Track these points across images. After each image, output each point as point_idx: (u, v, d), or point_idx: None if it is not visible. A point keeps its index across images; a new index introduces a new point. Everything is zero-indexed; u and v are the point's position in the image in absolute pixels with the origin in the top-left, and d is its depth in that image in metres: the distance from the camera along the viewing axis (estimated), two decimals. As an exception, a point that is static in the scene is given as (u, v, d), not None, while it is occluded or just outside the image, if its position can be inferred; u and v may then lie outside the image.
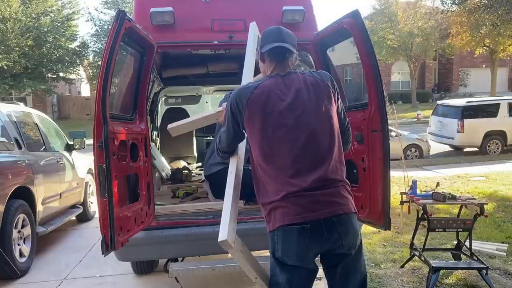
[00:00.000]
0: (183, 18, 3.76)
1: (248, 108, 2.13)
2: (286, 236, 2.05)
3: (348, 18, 3.13)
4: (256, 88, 2.16)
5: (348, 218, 2.11)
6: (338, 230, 2.06)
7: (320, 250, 2.10)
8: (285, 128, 2.10)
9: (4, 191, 4.53)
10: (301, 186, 2.04)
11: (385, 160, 3.04)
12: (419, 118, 22.67)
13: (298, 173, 2.07)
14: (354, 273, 2.20)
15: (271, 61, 2.26)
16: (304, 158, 2.09)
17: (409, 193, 4.40)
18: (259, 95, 2.13)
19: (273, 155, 2.10)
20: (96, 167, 2.83)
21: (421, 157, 12.64)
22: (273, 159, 2.11)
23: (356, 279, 2.21)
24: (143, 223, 3.32)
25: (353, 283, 2.21)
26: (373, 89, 3.07)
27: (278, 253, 2.09)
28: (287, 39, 2.25)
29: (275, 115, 2.10)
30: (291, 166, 2.08)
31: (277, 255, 2.10)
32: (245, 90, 2.18)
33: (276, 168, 2.10)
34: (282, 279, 2.12)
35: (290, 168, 2.08)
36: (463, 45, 23.47)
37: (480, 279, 3.96)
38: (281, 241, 2.07)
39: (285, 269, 2.11)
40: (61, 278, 4.66)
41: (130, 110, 3.49)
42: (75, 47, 28.41)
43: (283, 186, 2.06)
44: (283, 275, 2.12)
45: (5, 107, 5.41)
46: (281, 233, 2.06)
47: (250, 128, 2.16)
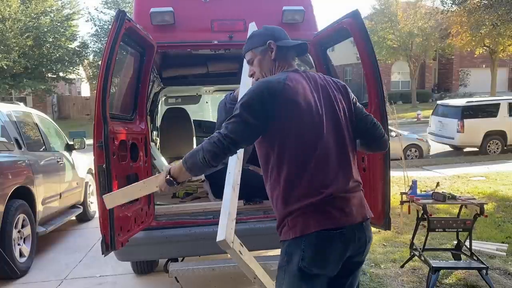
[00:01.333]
0: (183, 18, 3.76)
1: (281, 100, 1.86)
2: (320, 243, 1.85)
3: (348, 18, 3.13)
4: (286, 80, 1.91)
5: (369, 223, 2.01)
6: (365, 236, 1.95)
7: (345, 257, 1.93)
8: (319, 124, 1.90)
9: (4, 191, 4.53)
10: (335, 188, 1.87)
11: (385, 160, 3.05)
12: (419, 118, 22.67)
13: (332, 173, 1.89)
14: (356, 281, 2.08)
15: (287, 59, 2.09)
16: (335, 157, 1.92)
17: (409, 193, 4.40)
18: (292, 87, 1.89)
19: (307, 153, 1.87)
20: (96, 167, 2.84)
21: (421, 157, 12.64)
22: (308, 157, 1.87)
23: None
24: (143, 223, 3.32)
25: None
26: (373, 89, 3.08)
27: (304, 262, 1.84)
28: None
29: (310, 109, 1.89)
30: (325, 165, 1.88)
31: (302, 264, 1.85)
32: (275, 81, 1.90)
33: (309, 167, 1.87)
34: None
35: (324, 168, 1.88)
36: (463, 45, 23.47)
37: (480, 279, 3.96)
38: (312, 248, 1.84)
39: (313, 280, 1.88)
40: (61, 278, 4.66)
41: (130, 110, 3.49)
42: (75, 47, 28.41)
43: (317, 188, 1.86)
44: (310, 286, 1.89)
45: (5, 107, 5.41)
46: (314, 239, 1.84)
47: (282, 121, 1.87)
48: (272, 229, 3.63)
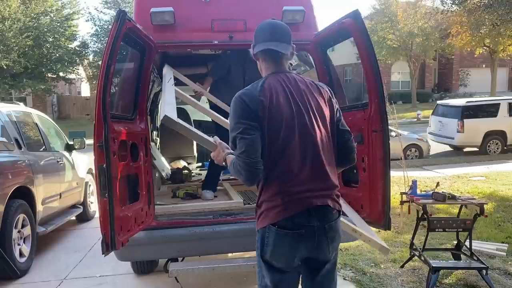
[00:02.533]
0: (183, 18, 3.76)
1: (261, 105, 1.99)
2: (278, 237, 2.04)
3: (349, 18, 3.14)
4: (262, 87, 2.04)
5: (333, 224, 2.08)
6: (326, 237, 2.05)
7: None
8: (294, 127, 2.02)
9: (4, 191, 4.53)
10: (300, 188, 2.00)
11: (385, 160, 3.05)
12: (419, 118, 22.67)
13: (299, 175, 2.01)
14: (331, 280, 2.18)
15: (267, 61, 2.16)
16: (305, 160, 2.03)
17: (409, 193, 4.40)
18: (267, 95, 2.02)
19: (283, 154, 2.00)
20: (96, 167, 2.83)
21: (421, 157, 12.64)
22: (283, 158, 2.01)
23: None
24: (143, 223, 3.32)
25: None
26: (373, 89, 3.08)
27: (264, 252, 2.08)
28: (279, 37, 2.12)
29: (281, 118, 2.01)
30: (293, 167, 2.01)
31: (263, 254, 2.09)
32: (251, 90, 2.04)
33: (278, 166, 2.01)
34: None
35: (296, 168, 2.01)
36: (463, 45, 23.48)
37: (480, 279, 3.96)
38: (271, 241, 2.05)
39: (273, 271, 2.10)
40: (61, 278, 4.66)
41: (130, 110, 3.49)
42: (75, 47, 28.41)
43: (284, 186, 2.00)
44: None
45: (5, 107, 5.40)
46: (274, 233, 2.04)
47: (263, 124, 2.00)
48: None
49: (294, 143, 2.01)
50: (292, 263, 2.04)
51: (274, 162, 2.00)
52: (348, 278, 4.31)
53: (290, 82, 2.10)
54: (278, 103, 2.01)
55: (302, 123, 2.03)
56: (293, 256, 2.02)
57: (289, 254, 2.02)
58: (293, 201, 1.99)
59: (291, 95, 2.06)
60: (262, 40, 2.12)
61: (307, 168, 2.02)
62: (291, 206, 1.98)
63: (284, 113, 2.01)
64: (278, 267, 2.04)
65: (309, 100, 2.08)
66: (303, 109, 2.05)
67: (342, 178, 3.58)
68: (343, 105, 3.73)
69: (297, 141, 2.02)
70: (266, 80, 2.09)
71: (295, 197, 1.99)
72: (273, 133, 2.00)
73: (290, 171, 2.00)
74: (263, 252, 2.05)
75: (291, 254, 2.02)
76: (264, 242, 2.04)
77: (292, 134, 2.01)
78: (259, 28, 2.18)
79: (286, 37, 2.14)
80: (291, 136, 2.01)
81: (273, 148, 2.00)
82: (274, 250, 2.01)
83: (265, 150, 1.99)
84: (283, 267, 2.05)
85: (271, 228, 2.01)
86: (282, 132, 2.00)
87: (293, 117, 2.02)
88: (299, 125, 2.03)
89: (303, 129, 2.03)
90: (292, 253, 2.02)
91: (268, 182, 2.03)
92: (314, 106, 2.08)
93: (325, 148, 2.08)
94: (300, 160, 2.02)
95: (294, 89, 2.08)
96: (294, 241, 1.99)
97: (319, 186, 2.03)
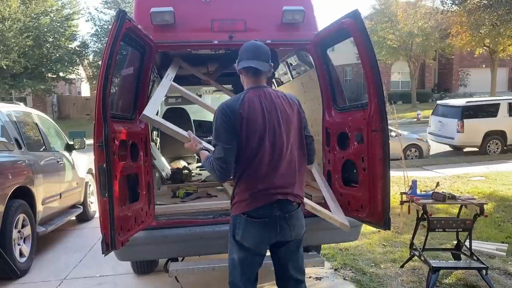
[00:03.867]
0: (183, 18, 3.76)
1: (240, 117, 2.42)
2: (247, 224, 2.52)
3: (348, 18, 3.14)
4: (242, 103, 2.46)
5: (294, 214, 2.55)
6: (288, 224, 2.52)
7: None
8: (265, 137, 2.46)
9: (4, 191, 4.53)
10: (266, 185, 2.46)
11: (385, 160, 3.05)
12: (419, 118, 22.67)
13: (266, 173, 2.46)
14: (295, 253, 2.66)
15: (248, 77, 2.57)
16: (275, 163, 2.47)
17: (409, 193, 4.40)
18: (245, 108, 2.44)
19: (249, 158, 2.45)
20: (96, 167, 2.84)
21: (421, 157, 12.64)
22: (254, 161, 2.45)
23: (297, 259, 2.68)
24: (143, 223, 3.32)
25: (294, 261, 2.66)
26: (373, 89, 3.08)
27: (237, 235, 2.55)
28: (262, 56, 2.53)
29: (255, 127, 2.44)
30: (261, 168, 2.46)
31: (236, 237, 2.56)
32: (233, 103, 2.47)
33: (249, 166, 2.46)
34: None
35: (259, 168, 2.46)
36: (463, 45, 23.46)
37: (480, 279, 3.96)
38: (242, 226, 2.53)
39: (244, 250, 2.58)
40: (61, 278, 4.66)
41: (130, 109, 3.49)
42: (75, 47, 28.40)
43: (254, 183, 2.46)
44: None
45: (5, 107, 5.41)
46: (244, 220, 2.53)
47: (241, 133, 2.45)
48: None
49: (264, 149, 2.45)
50: (259, 246, 2.54)
51: (247, 164, 2.47)
52: (348, 278, 4.31)
53: (266, 97, 2.52)
54: (254, 116, 2.45)
55: (273, 133, 2.48)
56: (260, 240, 2.51)
57: (256, 237, 2.50)
58: (259, 196, 2.46)
59: (266, 108, 2.48)
60: (245, 58, 2.53)
61: (274, 170, 2.47)
62: (257, 200, 2.46)
63: (258, 125, 2.45)
64: (247, 246, 2.52)
65: (280, 112, 2.52)
66: (275, 121, 2.49)
67: (342, 178, 3.58)
68: (343, 105, 3.74)
69: (267, 148, 2.46)
70: (246, 94, 2.52)
71: (261, 193, 2.46)
72: (248, 141, 2.44)
73: (259, 172, 2.46)
74: (235, 234, 2.54)
75: (258, 237, 2.50)
76: (236, 226, 2.53)
77: (263, 142, 2.45)
78: (244, 48, 2.57)
79: (266, 57, 2.55)
80: (262, 144, 2.45)
81: (246, 153, 2.45)
82: (244, 234, 2.50)
83: (241, 153, 2.45)
84: (250, 247, 2.52)
85: (241, 216, 2.50)
86: (255, 140, 2.44)
87: (265, 128, 2.46)
88: (270, 135, 2.47)
89: (273, 139, 2.48)
90: (259, 237, 2.50)
91: (241, 180, 2.50)
92: (284, 117, 2.52)
93: (291, 153, 2.53)
94: (268, 164, 2.46)
95: (269, 103, 2.51)
96: (260, 227, 2.48)
97: (282, 184, 2.49)
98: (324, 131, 3.77)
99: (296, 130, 2.58)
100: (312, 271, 4.46)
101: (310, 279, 4.35)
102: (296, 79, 4.93)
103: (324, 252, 4.91)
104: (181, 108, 7.33)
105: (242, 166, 2.48)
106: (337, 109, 3.70)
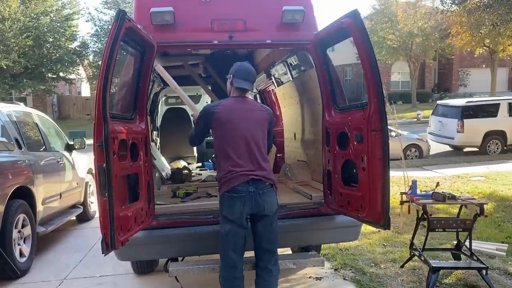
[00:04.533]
0: (183, 18, 3.75)
1: (213, 118, 3.17)
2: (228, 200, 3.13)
3: (348, 18, 3.14)
4: (218, 106, 3.23)
5: (267, 191, 3.13)
6: (261, 199, 3.09)
7: None
8: (237, 131, 3.13)
9: (4, 191, 4.53)
10: (240, 169, 3.07)
11: (384, 160, 3.04)
12: (419, 118, 22.67)
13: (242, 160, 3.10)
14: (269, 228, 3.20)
15: (236, 91, 3.28)
16: (246, 151, 3.12)
17: (409, 193, 4.40)
18: (220, 110, 3.18)
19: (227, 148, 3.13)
20: (96, 166, 2.83)
21: (421, 157, 12.65)
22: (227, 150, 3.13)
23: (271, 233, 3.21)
24: (143, 223, 3.32)
25: None
26: (373, 89, 3.08)
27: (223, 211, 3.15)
28: (251, 78, 3.30)
29: (231, 123, 3.14)
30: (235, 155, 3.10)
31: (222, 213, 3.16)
32: (211, 107, 3.26)
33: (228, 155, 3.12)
34: None
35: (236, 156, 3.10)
36: (463, 45, 23.46)
37: (480, 279, 3.96)
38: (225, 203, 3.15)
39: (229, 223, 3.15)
40: (61, 278, 4.67)
41: (130, 109, 3.49)
42: (75, 47, 28.40)
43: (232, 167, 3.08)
44: None
45: (5, 107, 5.41)
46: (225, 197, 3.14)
47: (215, 130, 3.20)
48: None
49: (238, 140, 3.12)
50: (241, 217, 3.07)
51: (224, 152, 3.14)
52: (348, 278, 4.32)
53: (244, 102, 3.28)
54: (229, 114, 3.17)
55: (245, 128, 3.15)
56: (241, 211, 3.06)
57: (237, 210, 3.06)
58: (236, 177, 3.07)
59: (241, 110, 3.21)
60: (240, 78, 3.25)
61: (246, 157, 3.12)
62: (235, 180, 3.06)
63: (232, 120, 3.15)
64: (231, 219, 3.08)
65: (252, 115, 3.22)
66: (247, 120, 3.18)
67: (342, 177, 3.58)
68: (343, 104, 3.74)
69: (240, 139, 3.12)
70: (226, 100, 3.30)
71: (237, 174, 3.07)
72: (223, 132, 3.15)
73: (235, 159, 3.10)
74: (222, 210, 3.14)
75: (239, 210, 3.06)
76: (222, 203, 3.13)
77: (237, 134, 3.13)
78: (240, 68, 3.28)
79: (254, 79, 3.39)
80: (236, 136, 3.13)
81: (223, 144, 3.15)
82: (228, 208, 3.09)
83: (218, 144, 3.18)
84: (234, 220, 3.07)
85: (224, 194, 3.11)
86: (229, 133, 3.13)
87: (239, 124, 3.15)
88: (243, 130, 3.14)
89: (245, 133, 3.14)
90: (239, 209, 3.06)
91: (221, 165, 3.18)
92: (254, 119, 3.22)
93: (259, 145, 3.18)
94: (241, 153, 3.11)
95: (244, 107, 3.24)
96: (239, 201, 3.05)
97: (254, 168, 3.11)
98: (324, 131, 3.77)
99: (263, 130, 3.25)
100: (312, 271, 4.46)
101: (310, 279, 4.35)
102: (296, 79, 4.94)
103: (324, 252, 4.91)
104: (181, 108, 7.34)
105: (220, 154, 3.17)
106: (337, 109, 3.70)
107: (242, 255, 3.19)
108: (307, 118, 4.79)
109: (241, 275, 3.19)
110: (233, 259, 3.12)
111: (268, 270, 3.22)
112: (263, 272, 3.22)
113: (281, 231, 3.36)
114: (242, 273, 3.19)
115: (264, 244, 3.20)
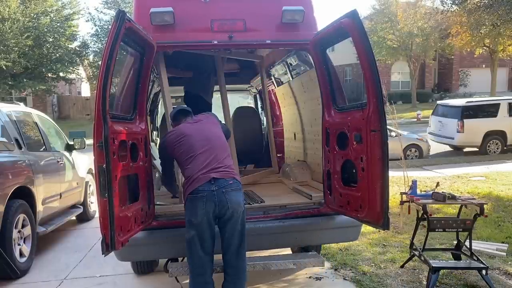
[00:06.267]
0: (183, 18, 3.76)
1: (168, 143, 3.40)
2: (191, 202, 3.22)
3: (347, 18, 3.14)
4: (168, 133, 3.50)
5: (232, 190, 3.16)
6: (225, 199, 3.11)
7: None
8: (192, 140, 3.29)
9: (4, 191, 4.53)
10: (202, 172, 3.14)
11: (383, 160, 3.05)
12: (419, 118, 22.66)
13: (202, 163, 3.18)
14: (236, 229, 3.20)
15: (182, 118, 3.58)
16: (205, 154, 3.23)
17: (409, 193, 4.40)
18: (171, 134, 3.43)
19: (188, 159, 3.24)
20: (96, 167, 2.84)
21: (421, 157, 12.64)
22: (188, 161, 3.24)
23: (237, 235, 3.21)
24: (143, 223, 3.32)
25: None
26: (372, 89, 3.08)
27: (187, 215, 3.26)
28: (186, 109, 3.67)
29: (185, 136, 3.33)
30: (198, 160, 3.21)
31: (186, 216, 3.28)
32: (162, 139, 3.61)
33: (189, 164, 3.23)
34: None
35: (196, 161, 3.21)
36: (463, 45, 23.45)
37: (480, 279, 3.96)
38: (189, 206, 3.24)
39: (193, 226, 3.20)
40: (61, 278, 4.67)
41: (130, 110, 3.49)
42: (75, 47, 28.38)
43: (194, 172, 3.16)
44: None
45: (5, 107, 5.41)
46: (189, 200, 3.24)
47: (174, 151, 3.35)
48: (272, 229, 3.65)
49: (196, 148, 3.24)
50: (206, 218, 3.07)
51: (185, 164, 3.25)
52: (348, 278, 4.32)
53: (187, 121, 3.49)
54: (180, 132, 3.36)
55: (198, 134, 3.32)
56: (204, 212, 3.05)
57: (200, 211, 3.06)
58: (198, 179, 3.12)
59: (189, 124, 3.44)
60: (177, 120, 3.57)
61: (207, 160, 3.19)
62: (197, 182, 3.12)
63: (185, 134, 3.32)
64: (195, 223, 3.09)
65: (201, 124, 3.44)
66: (198, 129, 3.37)
67: (342, 177, 3.58)
68: (342, 104, 3.74)
69: (198, 146, 3.25)
70: (176, 127, 3.51)
71: (199, 177, 3.13)
72: (181, 148, 3.29)
73: (195, 164, 3.19)
74: (186, 214, 3.18)
75: (202, 211, 3.05)
76: (186, 207, 3.17)
77: (193, 143, 3.27)
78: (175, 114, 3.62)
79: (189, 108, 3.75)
80: (193, 145, 3.26)
81: (182, 157, 3.28)
82: (191, 211, 3.12)
83: (179, 161, 3.34)
84: (198, 223, 3.08)
85: (187, 198, 3.14)
86: (186, 145, 3.28)
87: (192, 134, 3.31)
88: (197, 136, 3.30)
89: (199, 138, 3.29)
90: (202, 210, 3.05)
91: (185, 176, 3.26)
92: (204, 125, 3.43)
93: (216, 146, 3.29)
94: (201, 157, 3.20)
95: (190, 122, 3.48)
96: (201, 202, 3.06)
97: (216, 168, 3.17)
98: (324, 131, 3.77)
99: (219, 131, 3.47)
100: (312, 271, 4.46)
101: (310, 279, 4.35)
102: (296, 79, 4.94)
103: (324, 252, 4.91)
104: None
105: (183, 168, 3.29)
106: (337, 109, 3.70)
107: (211, 259, 3.19)
108: (307, 118, 4.79)
109: (211, 279, 3.19)
110: (202, 264, 3.13)
111: (236, 275, 3.23)
112: (230, 278, 3.24)
113: (281, 231, 3.36)
114: (212, 278, 3.19)
115: (233, 248, 3.18)
